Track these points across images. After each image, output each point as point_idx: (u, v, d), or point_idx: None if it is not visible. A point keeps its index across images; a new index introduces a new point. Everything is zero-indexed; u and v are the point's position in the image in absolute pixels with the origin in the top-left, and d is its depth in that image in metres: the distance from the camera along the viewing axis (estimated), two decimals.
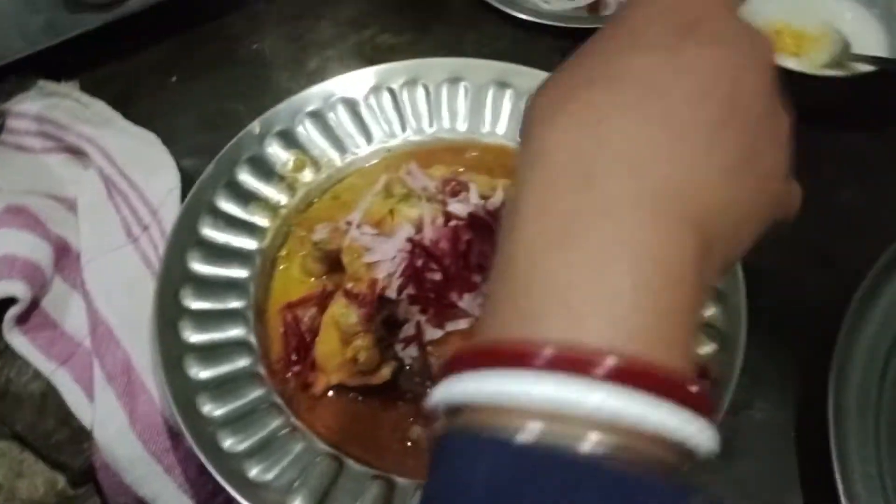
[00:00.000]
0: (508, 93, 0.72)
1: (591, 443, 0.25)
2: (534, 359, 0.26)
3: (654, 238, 0.28)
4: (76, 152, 0.72)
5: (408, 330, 0.57)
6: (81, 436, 0.61)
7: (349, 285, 0.59)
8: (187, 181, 0.70)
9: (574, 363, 0.26)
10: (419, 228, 0.61)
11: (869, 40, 0.74)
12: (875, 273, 0.60)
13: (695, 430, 0.26)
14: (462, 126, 0.72)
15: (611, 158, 0.29)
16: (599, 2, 0.84)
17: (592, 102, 0.31)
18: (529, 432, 0.26)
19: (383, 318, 0.58)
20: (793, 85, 0.68)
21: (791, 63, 0.72)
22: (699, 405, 0.27)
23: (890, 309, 0.60)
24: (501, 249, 0.30)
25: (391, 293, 0.58)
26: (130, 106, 0.77)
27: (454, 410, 0.28)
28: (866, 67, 0.70)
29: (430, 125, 0.72)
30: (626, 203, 0.29)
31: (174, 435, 0.60)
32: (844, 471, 0.53)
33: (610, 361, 0.26)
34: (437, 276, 0.58)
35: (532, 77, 0.72)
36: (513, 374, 0.26)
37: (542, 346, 0.27)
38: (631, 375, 0.26)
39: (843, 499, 0.52)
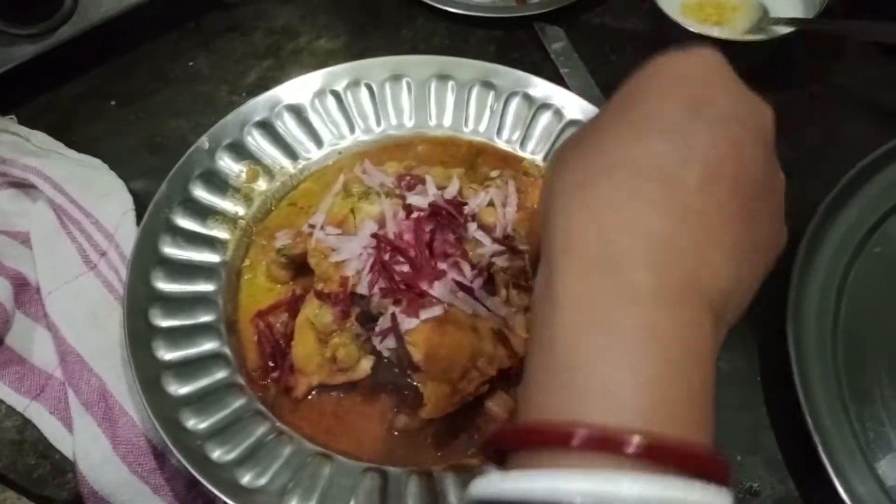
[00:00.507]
0: (450, 85, 0.74)
1: None
2: (572, 440, 0.29)
3: (677, 326, 0.31)
4: (23, 186, 0.71)
5: (383, 323, 0.58)
6: (64, 467, 0.61)
7: (319, 286, 0.60)
8: (140, 203, 0.69)
9: (609, 446, 0.29)
10: (382, 224, 0.62)
11: (785, 4, 0.78)
12: (818, 219, 0.63)
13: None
14: (409, 122, 0.74)
15: (636, 250, 0.32)
16: None
17: (616, 192, 0.33)
18: None
19: (357, 315, 0.59)
20: (720, 53, 0.71)
21: (715, 32, 0.75)
22: (723, 478, 0.30)
23: (835, 251, 0.63)
24: (540, 332, 0.33)
25: (362, 289, 0.59)
26: (71, 134, 0.77)
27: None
28: (785, 29, 0.74)
29: (378, 124, 0.73)
30: (650, 294, 0.32)
31: (159, 454, 0.60)
32: (811, 408, 0.56)
33: (640, 443, 0.29)
34: (405, 268, 0.59)
35: (471, 68, 0.74)
36: (555, 470, 0.29)
37: (580, 427, 0.30)
38: (664, 456, 0.29)
39: (813, 434, 0.55)
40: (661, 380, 0.30)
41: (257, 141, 0.71)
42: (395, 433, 0.59)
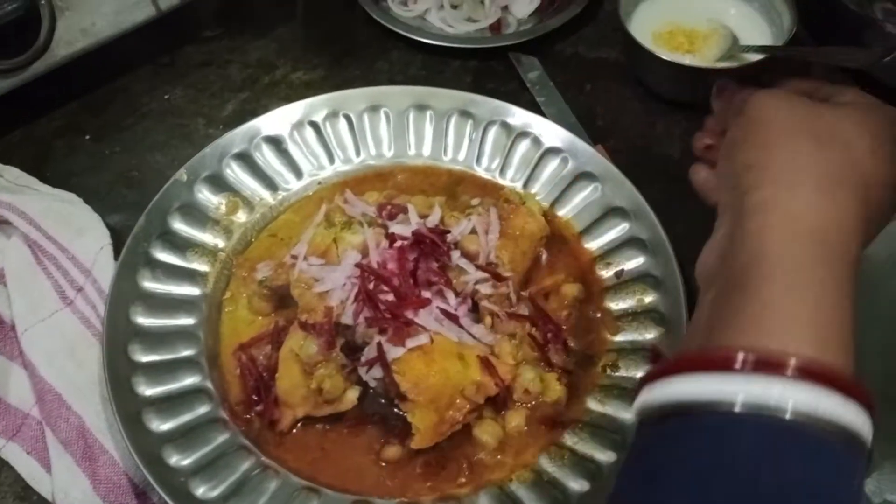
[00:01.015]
0: (428, 114, 0.74)
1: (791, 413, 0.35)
2: (736, 362, 0.36)
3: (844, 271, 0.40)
4: None
5: (369, 352, 0.58)
6: None
7: (303, 317, 0.59)
8: (117, 238, 0.69)
9: (771, 368, 0.35)
10: (365, 253, 0.62)
11: (754, 32, 0.79)
12: None
13: (859, 420, 0.35)
14: (388, 152, 0.74)
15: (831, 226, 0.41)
16: (500, 22, 0.87)
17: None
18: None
19: (342, 345, 0.59)
20: (691, 80, 0.73)
21: (687, 59, 0.76)
22: (866, 401, 0.36)
23: None
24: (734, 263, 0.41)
25: (347, 319, 0.59)
26: (46, 169, 0.76)
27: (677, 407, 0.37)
28: (755, 56, 0.75)
29: (357, 154, 0.74)
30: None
31: (140, 493, 0.59)
32: None
33: (797, 364, 0.35)
34: (390, 297, 0.59)
35: (449, 98, 0.75)
36: (720, 375, 0.36)
37: (746, 351, 0.36)
38: (818, 377, 0.35)
39: None
40: (825, 314, 0.38)
41: (236, 173, 0.71)
42: (384, 464, 0.58)
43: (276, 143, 0.73)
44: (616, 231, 0.68)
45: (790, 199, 0.41)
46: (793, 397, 0.34)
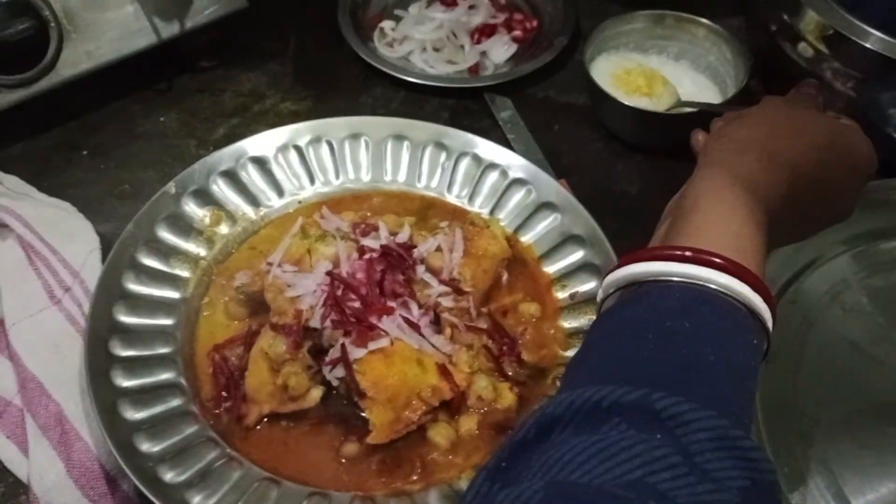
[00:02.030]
0: (405, 144, 0.80)
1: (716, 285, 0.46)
2: (678, 254, 0.47)
3: (754, 208, 0.50)
4: None
5: (334, 353, 0.62)
6: (18, 490, 0.62)
7: (275, 319, 0.64)
8: (106, 244, 0.73)
9: (704, 261, 0.46)
10: (336, 264, 0.66)
11: (704, 87, 0.87)
12: None
13: (761, 307, 0.46)
14: (366, 176, 0.79)
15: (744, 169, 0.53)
16: (478, 65, 0.94)
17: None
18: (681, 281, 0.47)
19: (309, 347, 0.63)
20: (647, 123, 0.77)
21: (643, 103, 0.82)
22: (765, 292, 0.47)
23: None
24: (684, 201, 0.52)
25: (315, 323, 0.63)
26: (44, 180, 0.81)
27: (632, 280, 0.48)
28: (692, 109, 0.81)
29: (337, 177, 0.79)
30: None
31: (111, 479, 0.62)
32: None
33: (721, 261, 0.46)
34: (357, 304, 0.63)
35: (425, 130, 0.80)
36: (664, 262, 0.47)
37: (686, 249, 0.47)
38: (737, 272, 0.46)
39: None
40: (742, 234, 0.49)
41: (222, 188, 0.76)
42: (343, 460, 0.62)
43: (261, 163, 0.78)
44: (573, 257, 0.73)
45: (736, 162, 0.52)
46: (715, 278, 0.45)
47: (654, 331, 0.44)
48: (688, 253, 0.47)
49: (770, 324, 0.48)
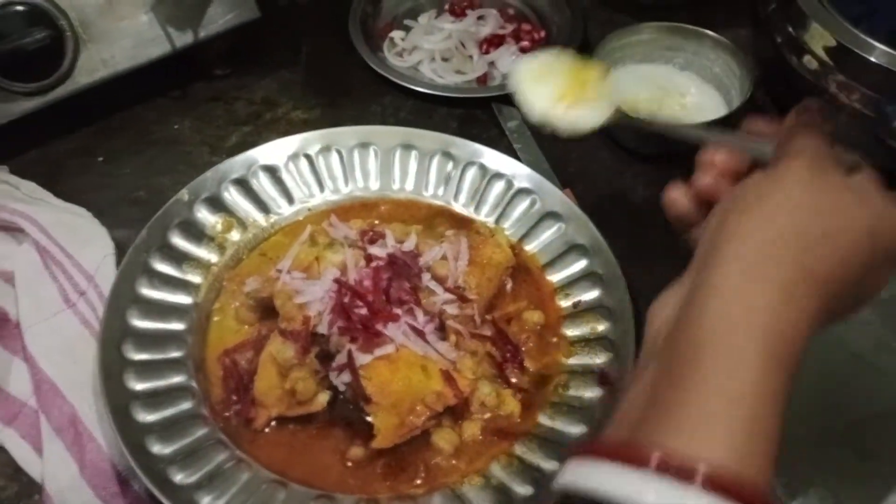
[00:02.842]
0: (413, 153, 0.81)
1: None
2: (650, 461, 0.36)
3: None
4: (9, 230, 0.76)
5: (340, 358, 0.63)
6: (31, 490, 0.64)
7: (283, 325, 0.65)
8: (120, 249, 0.75)
9: (681, 473, 0.36)
10: (344, 271, 0.68)
11: (709, 104, 0.87)
12: None
13: None
14: (374, 184, 0.80)
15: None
16: (486, 75, 0.95)
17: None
18: None
19: (317, 353, 0.64)
20: (656, 135, 0.74)
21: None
22: None
23: None
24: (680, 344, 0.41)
25: (322, 329, 0.64)
26: (59, 186, 0.82)
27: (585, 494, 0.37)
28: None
29: (346, 185, 0.80)
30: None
31: (123, 480, 0.64)
32: None
33: (706, 473, 0.35)
34: (363, 311, 0.65)
35: (433, 139, 0.81)
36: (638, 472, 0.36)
37: (658, 451, 0.37)
38: (721, 487, 0.35)
39: None
40: (757, 417, 0.38)
41: (233, 196, 0.77)
42: (348, 464, 0.63)
43: (271, 171, 0.79)
44: (576, 266, 0.74)
45: (753, 292, 0.41)
46: None
47: None
48: (658, 459, 0.36)
49: None
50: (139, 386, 0.65)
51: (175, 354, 0.68)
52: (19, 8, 0.76)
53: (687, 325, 0.41)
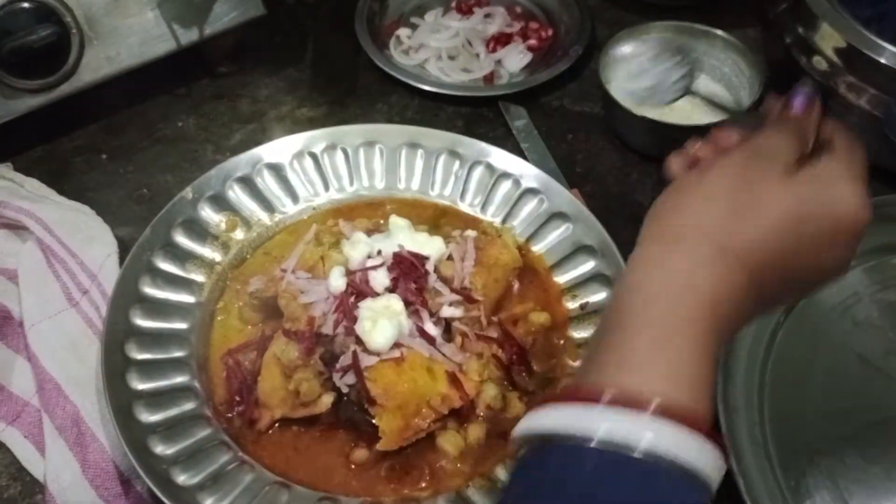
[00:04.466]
0: (419, 152, 0.80)
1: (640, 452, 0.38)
2: (601, 397, 0.39)
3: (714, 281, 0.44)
4: (13, 227, 0.76)
5: (345, 360, 0.62)
6: (34, 489, 0.64)
7: (288, 325, 0.65)
8: (124, 248, 0.74)
9: (629, 403, 0.39)
10: (349, 271, 0.67)
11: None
12: None
13: (710, 461, 0.39)
14: (380, 184, 0.80)
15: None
16: (493, 73, 0.94)
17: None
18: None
19: (321, 354, 0.64)
20: (664, 135, 0.73)
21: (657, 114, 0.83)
22: (714, 438, 0.39)
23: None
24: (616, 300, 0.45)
25: (327, 329, 0.64)
26: (64, 184, 0.82)
27: (540, 436, 0.41)
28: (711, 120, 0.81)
29: (351, 184, 0.80)
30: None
31: (125, 480, 0.63)
32: (738, 456, 0.61)
33: (656, 404, 0.39)
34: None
35: (439, 138, 0.81)
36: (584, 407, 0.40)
37: (610, 388, 0.40)
38: (671, 414, 0.39)
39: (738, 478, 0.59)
40: (685, 372, 0.41)
41: (238, 194, 0.77)
42: (352, 466, 0.63)
43: (276, 169, 0.79)
44: (584, 267, 0.73)
45: (682, 259, 0.45)
46: (644, 438, 0.38)
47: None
48: (610, 395, 0.39)
49: (715, 485, 0.40)
50: (142, 386, 0.64)
51: (178, 354, 0.67)
52: (25, 5, 0.76)
53: (622, 288, 0.46)
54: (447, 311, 0.66)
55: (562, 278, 0.73)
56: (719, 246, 0.45)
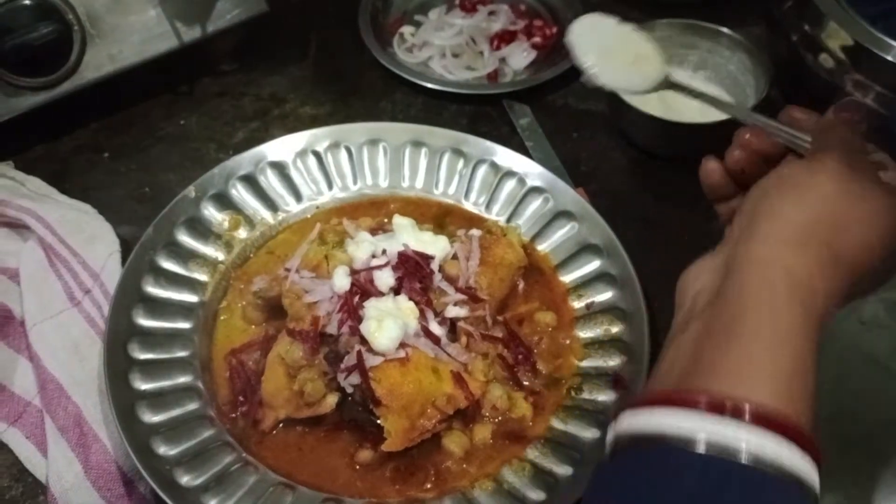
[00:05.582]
0: (423, 150, 0.80)
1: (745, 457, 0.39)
2: (700, 402, 0.40)
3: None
4: (15, 226, 0.75)
5: (349, 360, 0.62)
6: (36, 490, 0.63)
7: (292, 325, 0.64)
8: (126, 247, 0.74)
9: (727, 411, 0.40)
10: (353, 271, 0.66)
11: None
12: None
13: (808, 469, 0.40)
14: (384, 182, 0.79)
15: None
16: (497, 71, 0.94)
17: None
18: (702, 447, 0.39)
19: (325, 354, 0.63)
20: (669, 134, 0.72)
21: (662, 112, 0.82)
22: (815, 453, 0.40)
23: None
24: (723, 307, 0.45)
25: (332, 329, 0.63)
26: (66, 182, 0.82)
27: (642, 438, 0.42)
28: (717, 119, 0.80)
29: (355, 182, 0.79)
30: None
31: (128, 482, 0.63)
32: None
33: (754, 411, 0.39)
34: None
35: (443, 136, 0.80)
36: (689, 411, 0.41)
37: (706, 393, 0.41)
38: (770, 423, 0.39)
39: None
40: (797, 372, 0.42)
41: (241, 193, 0.76)
42: (357, 467, 0.62)
43: (279, 168, 0.78)
44: (589, 266, 0.73)
45: (793, 262, 0.45)
46: (746, 440, 0.39)
47: None
48: (725, 402, 0.40)
49: (817, 484, 0.40)
50: (145, 386, 0.64)
51: (181, 354, 0.67)
52: (27, 2, 0.75)
53: (729, 287, 0.46)
54: (452, 311, 0.66)
55: (567, 277, 0.73)
56: (836, 255, 0.46)
